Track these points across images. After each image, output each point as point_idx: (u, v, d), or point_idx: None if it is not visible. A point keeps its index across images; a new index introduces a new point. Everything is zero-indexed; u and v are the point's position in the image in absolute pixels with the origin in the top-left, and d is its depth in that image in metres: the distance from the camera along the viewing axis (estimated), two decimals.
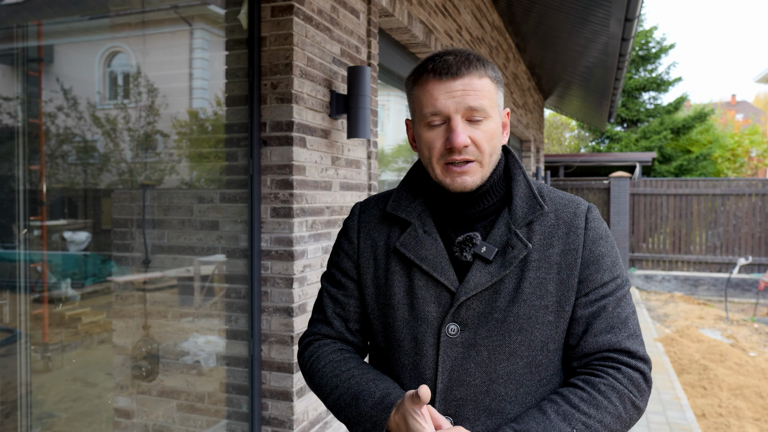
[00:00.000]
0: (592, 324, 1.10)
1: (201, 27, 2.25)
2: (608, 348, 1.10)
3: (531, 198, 1.15)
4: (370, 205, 1.26)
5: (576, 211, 1.15)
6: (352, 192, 2.63)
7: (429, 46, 3.70)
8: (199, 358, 2.28)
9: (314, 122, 2.29)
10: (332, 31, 2.43)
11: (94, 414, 2.10)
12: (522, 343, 1.09)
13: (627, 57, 7.00)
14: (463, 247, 1.12)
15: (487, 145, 1.10)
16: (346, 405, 1.12)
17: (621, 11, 4.89)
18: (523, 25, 7.02)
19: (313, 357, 1.21)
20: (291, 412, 2.16)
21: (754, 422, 5.36)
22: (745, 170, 21.20)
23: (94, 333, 2.02)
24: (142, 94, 2.03)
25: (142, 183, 2.14)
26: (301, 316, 2.21)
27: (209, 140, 2.30)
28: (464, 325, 1.10)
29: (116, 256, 2.15)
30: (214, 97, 2.29)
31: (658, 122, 17.50)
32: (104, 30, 1.99)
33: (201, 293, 2.31)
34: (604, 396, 1.06)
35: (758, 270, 12.03)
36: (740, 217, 12.19)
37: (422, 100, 1.11)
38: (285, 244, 2.15)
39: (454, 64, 1.08)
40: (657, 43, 18.29)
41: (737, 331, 9.14)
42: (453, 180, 1.11)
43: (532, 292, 1.09)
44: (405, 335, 1.13)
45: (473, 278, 1.10)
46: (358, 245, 1.23)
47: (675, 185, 12.63)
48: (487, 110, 1.09)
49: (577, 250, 1.12)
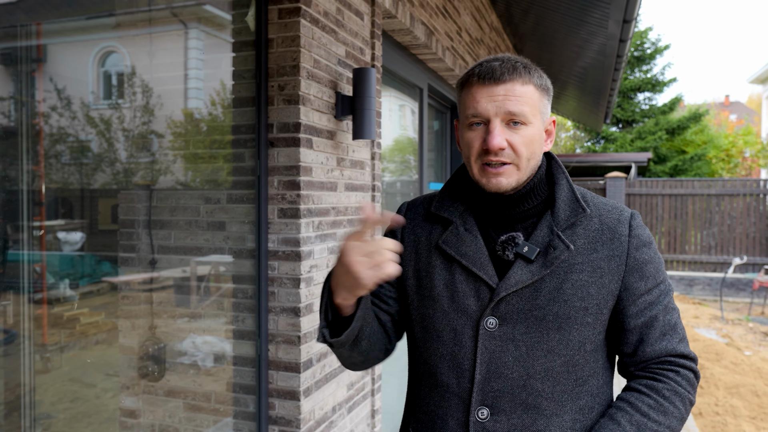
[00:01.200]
0: (647, 334, 1.16)
1: (203, 28, 2.26)
2: (665, 354, 1.16)
3: (574, 201, 1.19)
4: (417, 204, 1.33)
5: (620, 218, 1.19)
6: (357, 193, 2.65)
7: (430, 48, 3.72)
8: (205, 358, 2.30)
9: (320, 123, 2.31)
10: (337, 33, 2.44)
11: (99, 414, 2.11)
12: (560, 342, 1.13)
13: (624, 58, 7.04)
14: (505, 246, 1.17)
15: (525, 150, 1.14)
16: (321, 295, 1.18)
17: (620, 13, 4.93)
18: (521, 26, 7.05)
19: None
20: (298, 412, 2.18)
21: (751, 420, 5.40)
22: (739, 170, 21.32)
23: (93, 333, 2.03)
24: (149, 94, 2.03)
25: (137, 183, 2.15)
26: (308, 316, 2.22)
27: (216, 141, 2.32)
28: (503, 319, 1.14)
29: (122, 257, 2.16)
30: (219, 98, 2.30)
31: (653, 123, 17.59)
32: (104, 29, 2.00)
33: (207, 293, 2.33)
34: (669, 401, 1.13)
35: (753, 270, 12.10)
36: (735, 217, 12.27)
37: (466, 103, 1.17)
38: (292, 245, 2.17)
39: (498, 69, 1.13)
40: (652, 44, 18.39)
41: (732, 330, 9.21)
42: (488, 180, 1.15)
43: (573, 294, 1.13)
44: (444, 326, 1.18)
45: (514, 275, 1.14)
46: (402, 239, 1.28)
47: (670, 185, 12.70)
48: (528, 116, 1.14)
49: (621, 256, 1.16)
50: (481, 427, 1.15)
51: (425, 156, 4.29)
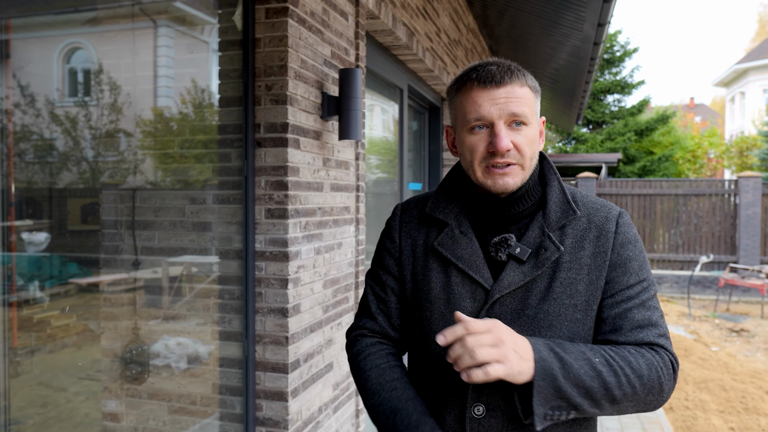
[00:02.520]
0: (620, 325, 1.17)
1: (175, 26, 2.23)
2: (642, 343, 1.16)
3: (565, 203, 1.22)
4: (411, 206, 1.34)
5: (608, 216, 1.22)
6: (342, 193, 2.66)
7: (411, 48, 3.74)
8: (187, 359, 2.27)
9: (307, 124, 2.30)
10: (323, 33, 2.44)
11: (80, 417, 2.07)
12: (550, 338, 1.15)
13: (597, 60, 7.18)
14: (498, 248, 1.19)
15: (528, 149, 1.17)
16: (383, 415, 1.19)
17: (594, 16, 5.02)
18: (497, 28, 7.13)
19: (361, 355, 1.30)
20: (286, 412, 2.17)
21: (719, 414, 5.56)
22: (704, 171, 21.90)
23: (62, 336, 1.99)
24: (116, 92, 2.00)
25: (119, 183, 2.12)
26: (296, 317, 2.22)
27: (201, 142, 2.29)
28: (498, 320, 1.15)
29: (104, 258, 2.12)
30: (204, 98, 2.28)
31: (622, 124, 17.95)
32: (70, 25, 1.96)
33: (192, 295, 2.30)
34: (632, 356, 1.12)
35: (718, 267, 12.45)
36: (701, 216, 12.60)
37: (466, 107, 1.18)
38: (280, 245, 2.16)
39: (497, 73, 1.16)
40: (621, 47, 18.76)
41: (700, 326, 9.46)
42: (495, 182, 1.17)
43: (562, 292, 1.16)
44: (440, 328, 1.20)
45: (507, 277, 1.17)
46: (400, 244, 1.31)
47: (639, 185, 12.98)
48: (528, 117, 1.17)
49: (606, 252, 1.18)
50: (477, 423, 1.17)
51: (405, 156, 4.31)
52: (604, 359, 1.09)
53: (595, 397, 1.07)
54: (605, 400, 1.08)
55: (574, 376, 1.06)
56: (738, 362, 7.33)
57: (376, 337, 1.33)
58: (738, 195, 12.32)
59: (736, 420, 5.39)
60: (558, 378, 1.05)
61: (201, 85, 2.28)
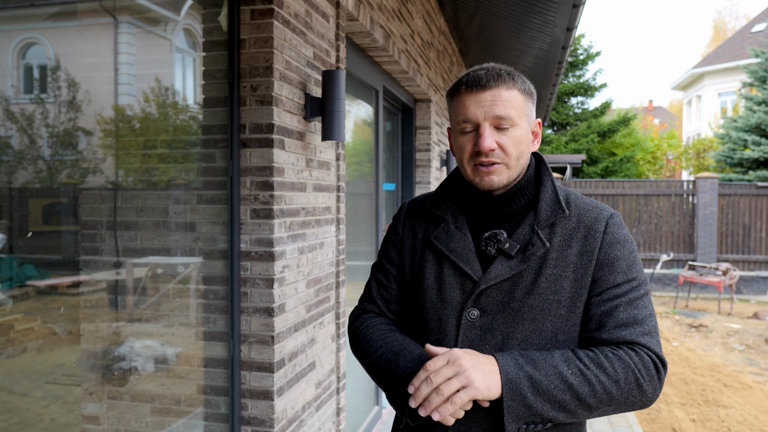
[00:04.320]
0: (605, 321, 1.19)
1: (137, 23, 2.21)
2: (623, 341, 1.18)
3: (555, 203, 1.27)
4: (416, 203, 1.44)
5: (598, 216, 1.26)
6: (324, 193, 2.68)
7: (387, 50, 3.78)
8: (171, 360, 2.27)
9: (291, 124, 2.32)
10: (306, 34, 2.46)
11: (68, 419, 2.04)
12: (533, 332, 1.20)
13: (564, 64, 7.36)
14: (488, 242, 1.26)
15: (514, 150, 1.23)
16: (386, 361, 1.25)
17: (564, 21, 5.15)
18: (467, 31, 7.23)
19: (363, 325, 1.39)
20: (272, 411, 2.18)
21: (681, 407, 5.77)
22: (663, 172, 22.56)
23: (28, 340, 1.95)
24: (74, 89, 1.97)
25: (98, 183, 2.10)
26: (281, 316, 2.24)
27: (184, 141, 2.28)
28: (483, 311, 1.23)
29: (84, 260, 2.10)
30: (192, 98, 2.27)
31: (585, 126, 18.36)
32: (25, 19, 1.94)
33: (177, 295, 2.30)
34: (608, 360, 1.14)
35: (678, 265, 12.86)
36: (661, 216, 13.00)
37: (457, 110, 1.26)
38: (265, 245, 2.18)
39: (484, 77, 1.22)
40: (584, 50, 19.19)
41: (661, 322, 9.76)
42: (481, 179, 1.25)
43: (547, 287, 1.21)
44: (432, 316, 1.28)
45: (494, 270, 1.23)
46: (402, 236, 1.40)
47: (603, 186, 13.31)
48: (514, 119, 1.22)
49: (593, 251, 1.23)
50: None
51: (381, 156, 4.34)
52: (577, 369, 1.12)
53: (569, 408, 1.11)
54: (581, 410, 1.12)
55: (544, 391, 1.10)
56: (697, 356, 7.60)
57: (378, 316, 1.42)
58: (696, 195, 12.74)
59: (697, 412, 5.60)
60: (527, 396, 1.09)
61: (180, 86, 2.27)
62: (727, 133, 16.37)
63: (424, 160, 5.56)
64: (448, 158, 6.36)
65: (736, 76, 23.99)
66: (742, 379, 6.56)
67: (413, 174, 5.53)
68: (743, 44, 25.10)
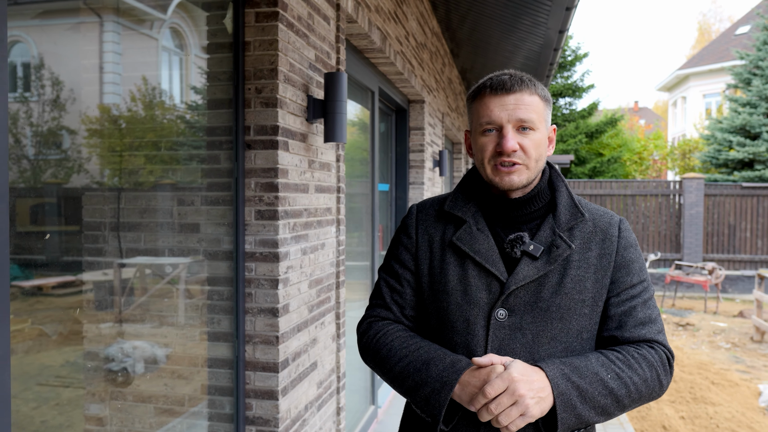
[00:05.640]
0: (625, 321, 1.28)
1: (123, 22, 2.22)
2: (642, 340, 1.27)
3: (573, 207, 1.33)
4: (427, 206, 1.44)
5: (611, 221, 1.34)
6: (325, 194, 2.70)
7: (384, 52, 3.80)
8: (177, 360, 2.27)
9: (295, 126, 2.34)
10: (309, 37, 2.48)
11: (62, 420, 2.05)
12: (561, 330, 1.26)
13: (555, 65, 7.43)
14: (513, 244, 1.29)
15: (534, 152, 1.28)
16: (415, 370, 1.25)
17: (557, 23, 5.21)
18: (458, 32, 7.27)
19: (380, 333, 1.35)
20: (276, 411, 2.20)
21: (671, 404, 5.86)
22: (650, 172, 22.80)
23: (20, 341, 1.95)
24: (58, 87, 1.98)
25: (104, 184, 2.11)
26: (285, 316, 2.26)
27: (188, 144, 2.30)
28: (512, 311, 1.26)
29: (87, 261, 2.10)
30: (196, 101, 2.28)
31: (573, 126, 18.51)
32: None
33: (181, 296, 2.31)
34: (636, 360, 1.23)
35: (665, 265, 13.02)
36: (648, 216, 13.15)
37: (480, 112, 1.30)
38: (270, 246, 2.19)
39: (508, 81, 1.27)
40: (572, 52, 19.34)
41: None
42: (501, 179, 1.28)
43: (572, 287, 1.26)
44: (458, 317, 1.29)
45: (522, 271, 1.26)
46: (417, 240, 1.39)
47: (591, 186, 13.44)
48: (535, 122, 1.27)
49: (611, 254, 1.30)
50: None
51: (377, 157, 4.37)
52: (614, 373, 1.20)
53: (609, 410, 1.19)
54: (618, 410, 1.21)
55: (589, 399, 1.17)
56: (685, 355, 7.72)
57: (393, 323, 1.39)
58: (682, 195, 12.91)
59: (686, 409, 5.69)
60: (577, 406, 1.16)
61: (185, 88, 2.28)
62: (712, 134, 16.59)
63: (418, 161, 5.60)
64: (441, 159, 6.40)
65: (721, 78, 24.30)
66: (729, 377, 6.67)
67: (407, 174, 5.57)
68: (727, 46, 25.44)
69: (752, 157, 15.11)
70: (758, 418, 5.46)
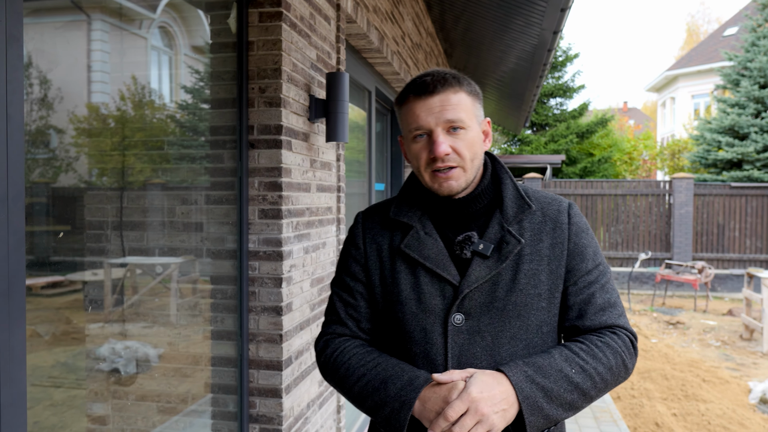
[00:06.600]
0: (585, 309, 1.26)
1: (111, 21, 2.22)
2: (604, 326, 1.25)
3: (519, 198, 1.29)
4: (372, 213, 1.38)
5: (559, 208, 1.30)
6: (326, 193, 2.71)
7: (381, 52, 3.82)
8: (181, 359, 2.28)
9: (297, 126, 2.35)
10: (311, 37, 2.50)
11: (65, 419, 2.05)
12: (520, 328, 1.23)
13: (548, 66, 7.49)
14: (462, 246, 1.25)
15: (468, 152, 1.24)
16: (374, 390, 1.20)
17: (552, 24, 5.24)
18: (452, 32, 7.31)
19: (337, 351, 1.30)
20: (280, 409, 2.22)
21: (663, 401, 5.92)
22: (640, 172, 22.98)
23: None
24: (45, 86, 1.98)
25: (107, 184, 2.11)
26: (289, 315, 2.27)
27: (192, 143, 2.30)
28: (468, 314, 1.22)
29: (89, 260, 2.10)
30: (200, 100, 2.29)
31: (564, 127, 18.62)
32: None
33: (185, 295, 2.31)
34: (599, 349, 1.21)
35: (655, 264, 13.13)
36: (639, 215, 13.26)
37: (407, 118, 1.25)
38: (274, 245, 2.21)
39: (430, 83, 1.23)
40: (563, 52, 19.45)
41: (639, 320, 9.98)
42: (440, 185, 1.24)
43: (527, 282, 1.23)
44: (414, 327, 1.25)
45: (474, 272, 1.23)
46: (365, 250, 1.34)
47: (582, 186, 13.53)
48: (465, 121, 1.23)
49: (563, 243, 1.27)
50: None
51: (374, 156, 4.39)
52: (579, 366, 1.17)
53: (576, 405, 1.17)
54: (584, 403, 1.18)
55: (556, 397, 1.14)
56: (676, 353, 7.80)
57: (349, 339, 1.33)
58: (672, 195, 13.02)
59: (678, 406, 5.75)
60: (544, 407, 1.13)
61: (189, 87, 2.29)
62: (701, 135, 16.75)
63: None
64: None
65: (710, 79, 24.53)
66: (720, 374, 6.75)
67: (402, 174, 5.59)
68: (716, 47, 25.68)
69: (741, 157, 15.27)
70: (748, 415, 5.53)
